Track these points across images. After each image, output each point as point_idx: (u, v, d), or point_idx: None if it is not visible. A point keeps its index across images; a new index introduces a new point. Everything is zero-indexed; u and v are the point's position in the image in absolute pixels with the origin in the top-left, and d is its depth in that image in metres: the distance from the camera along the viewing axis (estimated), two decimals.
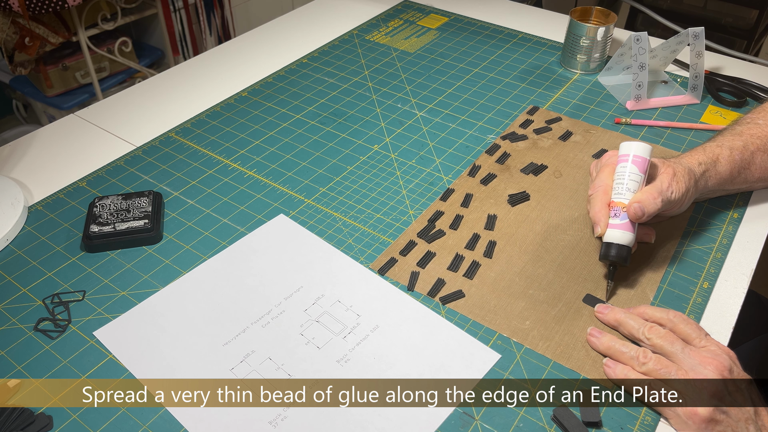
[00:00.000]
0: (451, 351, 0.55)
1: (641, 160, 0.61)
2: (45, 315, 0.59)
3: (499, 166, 0.76)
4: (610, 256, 0.59)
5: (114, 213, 0.67)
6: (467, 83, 0.93)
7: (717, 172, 0.65)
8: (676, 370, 0.50)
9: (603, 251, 0.60)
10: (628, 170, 0.61)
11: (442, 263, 0.64)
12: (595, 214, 0.61)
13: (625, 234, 0.59)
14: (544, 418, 0.50)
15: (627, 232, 0.59)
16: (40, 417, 0.50)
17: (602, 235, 0.60)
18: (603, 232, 0.60)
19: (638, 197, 0.59)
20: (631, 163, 0.61)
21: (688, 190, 0.62)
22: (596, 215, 0.61)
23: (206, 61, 1.00)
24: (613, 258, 0.59)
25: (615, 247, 0.59)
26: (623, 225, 0.59)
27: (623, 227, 0.59)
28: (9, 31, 1.54)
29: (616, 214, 0.60)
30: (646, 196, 0.59)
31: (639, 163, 0.61)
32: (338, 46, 1.03)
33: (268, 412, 0.51)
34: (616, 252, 0.59)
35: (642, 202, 0.59)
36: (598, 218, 0.61)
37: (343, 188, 0.74)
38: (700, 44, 0.82)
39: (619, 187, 0.61)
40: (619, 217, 0.59)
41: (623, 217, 0.59)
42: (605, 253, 0.59)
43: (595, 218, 0.61)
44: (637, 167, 0.61)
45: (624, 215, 0.59)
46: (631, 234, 0.59)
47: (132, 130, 0.84)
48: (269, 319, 0.58)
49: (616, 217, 0.59)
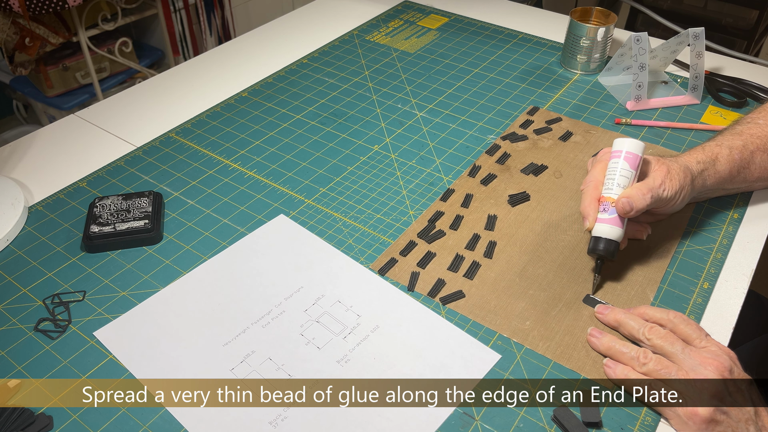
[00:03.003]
0: (451, 351, 0.55)
1: (633, 157, 0.61)
2: (45, 315, 0.59)
3: (499, 166, 0.76)
4: (597, 250, 0.60)
5: (114, 213, 0.67)
6: (467, 84, 0.93)
7: (716, 171, 0.65)
8: (677, 371, 0.50)
9: (591, 245, 0.60)
10: (619, 166, 0.61)
11: (442, 263, 0.64)
12: (584, 208, 0.61)
13: (613, 228, 0.59)
14: (544, 418, 0.50)
15: (615, 226, 0.59)
16: (40, 417, 0.50)
17: (590, 229, 0.61)
18: (591, 226, 0.60)
19: (627, 192, 0.59)
20: (623, 160, 0.61)
21: (682, 188, 0.62)
22: (585, 209, 0.61)
23: (206, 61, 1.00)
24: (600, 252, 0.59)
25: (603, 241, 0.59)
26: (612, 220, 0.59)
27: (612, 222, 0.59)
28: (9, 32, 1.54)
29: (605, 209, 0.60)
30: (636, 191, 0.59)
31: (631, 159, 0.61)
32: (338, 46, 1.03)
33: (268, 413, 0.51)
34: (604, 246, 0.59)
35: (630, 197, 0.59)
36: (587, 212, 0.61)
37: (343, 188, 0.74)
38: (701, 44, 0.82)
39: (609, 182, 0.61)
40: (608, 212, 0.60)
41: (612, 212, 0.60)
42: (593, 247, 0.60)
43: (584, 212, 0.61)
44: (628, 163, 0.61)
45: (613, 210, 0.60)
46: (620, 229, 0.59)
47: (132, 130, 0.84)
48: (269, 320, 0.58)
49: (605, 211, 0.60)
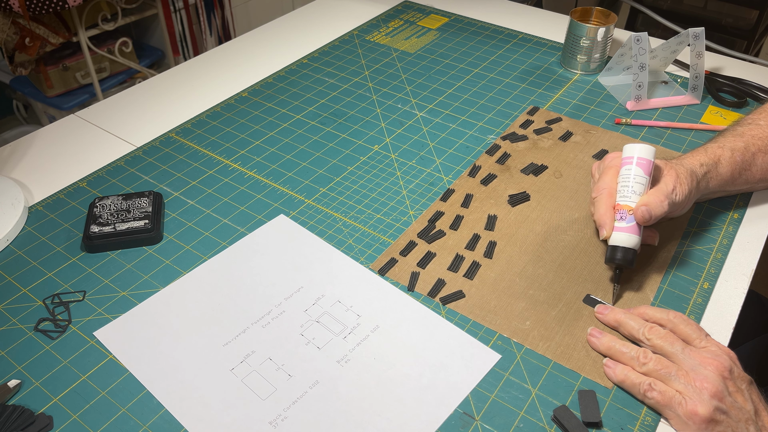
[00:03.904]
0: (451, 351, 0.55)
1: (646, 162, 0.60)
2: (45, 315, 0.59)
3: (499, 166, 0.76)
4: (616, 259, 0.59)
5: (114, 213, 0.67)
6: (467, 84, 0.93)
7: (718, 173, 0.65)
8: (677, 371, 0.50)
9: (609, 254, 0.59)
10: (633, 173, 0.60)
11: (442, 263, 0.64)
12: (600, 217, 0.61)
13: (630, 237, 0.58)
14: (544, 418, 0.50)
15: (633, 234, 0.59)
16: (40, 417, 0.50)
17: (608, 238, 0.60)
18: (609, 234, 0.60)
19: (645, 200, 0.59)
20: (636, 166, 0.60)
21: (690, 192, 0.61)
22: (601, 218, 0.60)
23: (206, 61, 1.00)
24: (619, 261, 0.59)
25: (621, 250, 0.58)
26: (629, 228, 0.59)
27: (629, 230, 0.59)
28: (9, 32, 1.54)
29: (622, 217, 0.59)
30: (653, 198, 0.59)
31: (644, 165, 0.60)
32: (338, 46, 1.03)
33: (268, 412, 0.51)
34: (622, 255, 0.58)
35: (649, 205, 0.58)
36: (603, 221, 0.60)
37: (343, 188, 0.74)
38: (701, 44, 0.82)
39: (624, 189, 0.60)
40: (625, 220, 0.59)
41: (629, 220, 0.59)
42: (611, 256, 0.59)
43: (600, 221, 0.61)
44: (642, 169, 0.60)
45: (630, 218, 0.59)
46: (637, 237, 0.59)
47: (132, 130, 0.84)
48: (269, 320, 0.58)
49: (621, 219, 0.59)
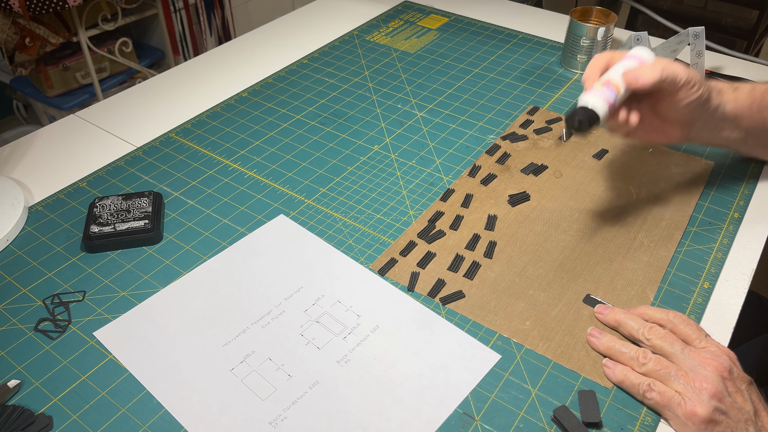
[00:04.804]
0: (451, 351, 0.55)
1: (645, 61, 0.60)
2: (45, 315, 0.59)
3: (499, 166, 0.76)
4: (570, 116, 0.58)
5: (114, 213, 0.67)
6: (467, 84, 0.93)
7: (736, 97, 0.62)
8: (676, 371, 0.50)
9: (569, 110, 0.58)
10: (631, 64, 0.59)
11: (442, 264, 0.64)
12: (585, 75, 0.60)
13: (597, 100, 0.57)
14: (544, 418, 0.50)
15: (601, 100, 0.57)
16: (40, 417, 0.50)
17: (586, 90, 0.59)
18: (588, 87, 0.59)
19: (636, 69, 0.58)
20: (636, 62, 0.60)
21: (700, 86, 0.59)
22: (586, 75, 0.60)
23: (206, 61, 1.00)
24: (569, 117, 0.58)
25: (581, 111, 0.57)
26: (603, 94, 0.57)
27: (601, 95, 0.57)
28: (9, 32, 1.55)
29: (606, 87, 0.58)
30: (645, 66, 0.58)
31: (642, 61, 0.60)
32: (338, 46, 1.03)
33: (268, 413, 0.51)
34: (582, 114, 0.57)
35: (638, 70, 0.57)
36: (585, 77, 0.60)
37: (343, 189, 0.74)
38: (701, 44, 0.82)
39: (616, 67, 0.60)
40: (607, 89, 0.58)
41: (610, 92, 0.57)
42: (570, 112, 0.58)
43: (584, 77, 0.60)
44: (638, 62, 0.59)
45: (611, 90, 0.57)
46: (605, 105, 0.57)
47: (132, 130, 0.84)
48: (269, 320, 0.58)
49: (605, 88, 0.58)
